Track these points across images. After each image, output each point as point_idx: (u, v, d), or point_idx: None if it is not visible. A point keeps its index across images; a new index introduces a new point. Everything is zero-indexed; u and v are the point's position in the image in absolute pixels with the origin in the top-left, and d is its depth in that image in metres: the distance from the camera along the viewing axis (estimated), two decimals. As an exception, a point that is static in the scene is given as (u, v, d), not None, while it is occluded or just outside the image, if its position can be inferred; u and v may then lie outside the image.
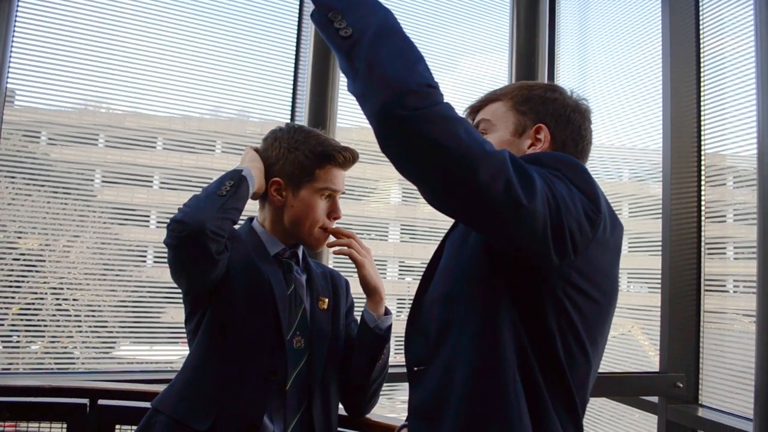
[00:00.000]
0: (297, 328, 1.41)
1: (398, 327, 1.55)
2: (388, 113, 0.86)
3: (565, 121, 1.15)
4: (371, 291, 1.47)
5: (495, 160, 0.88)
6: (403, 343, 1.21)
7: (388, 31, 0.91)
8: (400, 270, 3.15)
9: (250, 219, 1.53)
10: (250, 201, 1.43)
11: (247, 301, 1.37)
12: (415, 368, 1.11)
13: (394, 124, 0.86)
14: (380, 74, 0.87)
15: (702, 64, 2.51)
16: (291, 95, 2.85)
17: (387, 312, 1.50)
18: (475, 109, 1.22)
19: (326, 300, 1.49)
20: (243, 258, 1.40)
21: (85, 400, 1.83)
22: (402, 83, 0.86)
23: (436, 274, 1.12)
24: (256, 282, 1.39)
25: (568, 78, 3.23)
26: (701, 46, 2.52)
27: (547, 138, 1.13)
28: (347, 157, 1.46)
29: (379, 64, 0.88)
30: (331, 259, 2.60)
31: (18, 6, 2.36)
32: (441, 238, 1.18)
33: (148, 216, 2.71)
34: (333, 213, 1.47)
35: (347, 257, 1.46)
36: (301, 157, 1.43)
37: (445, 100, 0.90)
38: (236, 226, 1.46)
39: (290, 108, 2.84)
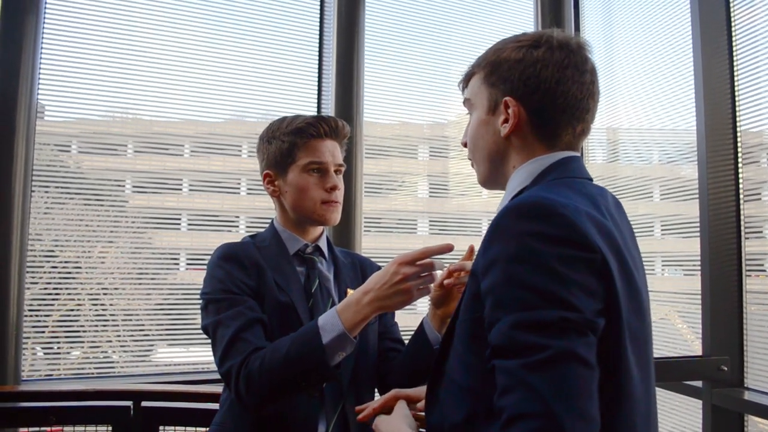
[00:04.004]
0: None
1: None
2: None
3: (534, 83, 0.95)
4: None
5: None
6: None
7: None
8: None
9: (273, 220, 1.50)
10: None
11: (276, 319, 1.34)
12: None
13: None
14: None
15: (734, 38, 2.44)
16: (316, 94, 2.84)
17: None
18: (461, 86, 1.09)
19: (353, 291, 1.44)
20: (269, 274, 1.36)
21: (129, 403, 1.86)
22: None
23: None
24: (280, 301, 1.35)
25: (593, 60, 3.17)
26: (732, 19, 2.45)
27: (516, 112, 0.95)
28: (325, 129, 1.40)
29: None
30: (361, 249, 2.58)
31: (45, 19, 2.40)
32: (468, 232, 1.09)
33: (179, 220, 2.74)
34: (327, 184, 1.40)
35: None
36: (278, 143, 1.41)
37: None
38: (262, 230, 1.46)
39: (316, 107, 2.83)
